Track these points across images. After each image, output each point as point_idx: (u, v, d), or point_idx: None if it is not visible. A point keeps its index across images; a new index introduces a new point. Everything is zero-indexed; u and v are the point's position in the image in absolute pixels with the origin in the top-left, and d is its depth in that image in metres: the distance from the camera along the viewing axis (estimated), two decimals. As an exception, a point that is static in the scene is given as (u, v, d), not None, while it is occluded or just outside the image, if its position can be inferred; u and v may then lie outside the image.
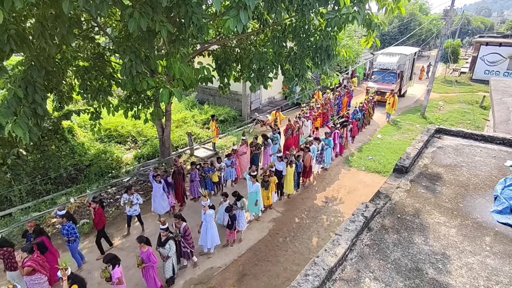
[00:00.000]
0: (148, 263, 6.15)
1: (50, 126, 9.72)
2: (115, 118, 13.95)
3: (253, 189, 8.65)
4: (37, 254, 6.07)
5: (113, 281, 5.68)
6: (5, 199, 9.12)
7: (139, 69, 7.82)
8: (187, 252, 7.20)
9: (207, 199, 7.42)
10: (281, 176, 9.98)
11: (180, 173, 9.53)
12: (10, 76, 7.46)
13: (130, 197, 8.11)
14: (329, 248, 3.44)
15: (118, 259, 5.85)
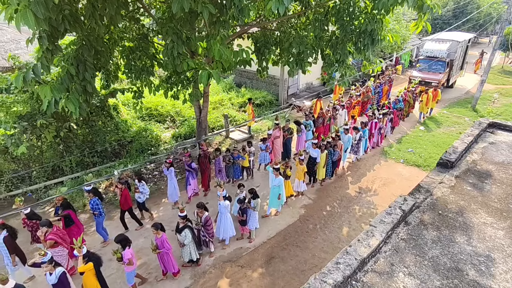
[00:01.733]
0: (163, 249, 6.31)
1: (97, 103, 10.32)
2: (155, 98, 14.48)
3: (276, 183, 8.36)
4: (56, 228, 6.42)
5: (124, 261, 5.86)
6: (57, 168, 9.96)
7: (180, 50, 7.97)
8: (206, 241, 7.26)
9: (222, 189, 7.33)
10: (315, 163, 9.86)
11: (206, 158, 9.48)
12: (64, 54, 7.95)
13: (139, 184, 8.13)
14: (362, 238, 3.37)
15: (128, 241, 6.04)
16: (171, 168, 8.75)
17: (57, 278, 5.26)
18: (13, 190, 9.34)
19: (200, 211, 6.94)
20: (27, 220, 6.86)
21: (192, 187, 9.41)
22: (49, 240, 6.12)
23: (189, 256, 6.91)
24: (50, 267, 5.25)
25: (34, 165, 9.56)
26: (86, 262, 5.50)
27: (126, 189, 7.88)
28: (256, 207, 7.65)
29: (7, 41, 16.58)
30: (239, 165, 10.11)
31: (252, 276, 7.11)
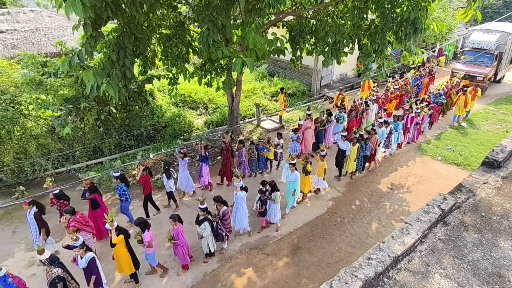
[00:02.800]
0: (178, 241, 6.41)
1: (135, 88, 10.74)
2: (189, 85, 14.81)
3: (292, 178, 8.11)
4: (79, 215, 6.70)
5: (144, 243, 6.13)
6: (98, 149, 10.57)
7: (215, 38, 8.02)
8: (222, 235, 7.22)
9: (240, 180, 7.25)
10: (344, 155, 9.64)
11: (228, 150, 9.37)
12: (106, 41, 8.30)
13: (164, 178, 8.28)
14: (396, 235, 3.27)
15: (147, 224, 6.25)
16: (185, 159, 8.73)
17: (86, 262, 5.58)
18: (59, 167, 10.07)
19: (218, 205, 6.94)
20: (55, 200, 7.22)
21: (204, 179, 9.28)
22: (71, 227, 6.39)
23: (207, 249, 6.95)
24: (81, 251, 5.56)
25: (77, 145, 10.20)
26: (118, 235, 5.89)
27: (147, 175, 8.08)
28: (276, 199, 7.53)
29: (55, 28, 17.58)
30: (263, 157, 9.92)
31: (277, 265, 7.19)
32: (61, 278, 5.40)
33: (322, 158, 8.71)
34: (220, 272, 6.97)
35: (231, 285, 6.68)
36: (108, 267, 6.86)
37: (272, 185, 7.56)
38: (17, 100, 9.24)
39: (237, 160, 9.63)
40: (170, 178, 8.28)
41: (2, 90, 9.01)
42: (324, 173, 8.93)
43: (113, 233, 5.86)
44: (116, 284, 6.61)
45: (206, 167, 9.17)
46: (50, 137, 9.76)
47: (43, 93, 9.17)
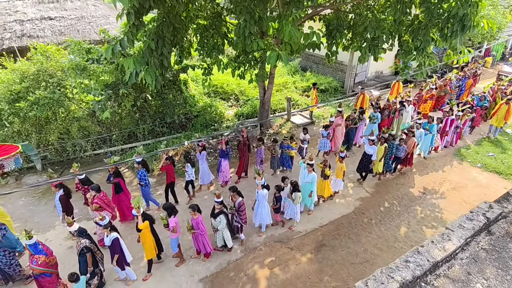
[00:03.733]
0: (197, 230, 6.50)
1: (170, 77, 11.04)
2: (222, 76, 15.00)
3: (309, 179, 7.83)
4: (103, 194, 7.03)
5: (169, 228, 6.32)
6: (133, 134, 11.04)
7: (252, 30, 8.02)
8: (237, 226, 7.20)
9: (261, 177, 7.16)
10: (370, 160, 9.20)
11: (245, 145, 9.27)
12: (146, 30, 8.57)
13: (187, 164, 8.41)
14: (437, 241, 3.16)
15: (174, 210, 6.44)
16: (203, 152, 8.75)
17: (110, 241, 5.92)
18: (97, 149, 10.66)
19: (233, 195, 6.92)
20: (80, 185, 7.51)
21: (225, 175, 9.27)
22: (94, 204, 6.79)
23: (222, 242, 6.98)
24: (106, 230, 5.93)
25: (114, 129, 10.72)
26: (143, 221, 6.13)
27: (171, 164, 8.22)
28: (296, 199, 7.40)
29: (98, 17, 18.40)
30: (288, 155, 9.73)
31: (300, 260, 7.19)
32: (89, 249, 5.85)
33: (341, 160, 8.36)
34: (244, 261, 7.10)
35: (254, 275, 6.78)
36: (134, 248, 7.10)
37: (294, 184, 7.42)
38: (63, 84, 9.84)
39: (258, 157, 9.54)
40: (194, 166, 8.49)
41: (50, 74, 9.62)
42: (343, 175, 8.58)
43: (139, 219, 6.08)
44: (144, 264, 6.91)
45: (226, 163, 9.15)
46: (90, 120, 10.33)
47: (86, 78, 9.68)
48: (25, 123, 9.42)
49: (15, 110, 9.11)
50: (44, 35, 16.41)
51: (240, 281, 6.67)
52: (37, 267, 5.59)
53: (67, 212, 7.27)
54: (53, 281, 5.83)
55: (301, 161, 8.82)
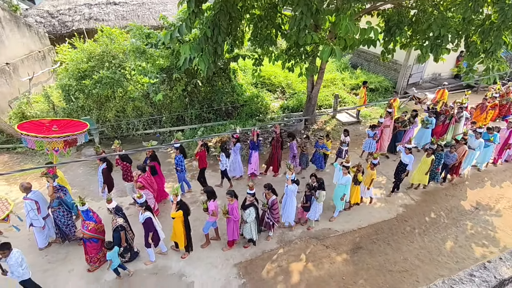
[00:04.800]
0: (231, 216, 6.57)
1: (221, 65, 11.29)
2: (270, 67, 15.01)
3: (343, 181, 7.50)
4: (147, 174, 7.35)
5: (209, 212, 6.52)
6: (181, 118, 11.53)
7: (307, 23, 7.88)
8: (269, 223, 7.17)
9: (292, 172, 7.02)
10: (404, 170, 8.59)
11: (278, 141, 9.15)
12: (203, 18, 8.81)
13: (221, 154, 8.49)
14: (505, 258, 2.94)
15: (214, 194, 6.60)
16: (237, 144, 8.76)
17: (143, 219, 6.20)
18: (147, 129, 11.31)
19: (268, 193, 6.86)
20: (120, 161, 7.83)
21: (252, 167, 9.25)
22: (138, 182, 7.13)
23: (250, 234, 6.95)
24: (141, 209, 6.23)
25: (164, 111, 11.27)
26: (177, 210, 6.26)
27: (204, 150, 8.36)
28: (320, 198, 7.23)
29: (157, 3, 19.26)
30: (320, 154, 9.49)
31: (335, 259, 7.09)
32: (123, 227, 6.19)
33: (373, 167, 7.88)
34: (278, 253, 7.16)
35: (287, 268, 6.83)
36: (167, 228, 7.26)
37: (320, 182, 7.27)
38: (123, 65, 10.52)
39: (290, 153, 9.42)
40: (228, 157, 8.57)
41: (113, 55, 10.33)
42: (371, 183, 8.13)
43: (174, 207, 6.25)
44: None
45: (256, 155, 9.12)
46: (144, 101, 10.95)
47: (144, 61, 10.24)
48: (88, 100, 10.26)
49: (81, 87, 9.96)
50: (108, 18, 17.58)
51: (273, 271, 6.75)
52: (87, 232, 6.12)
53: (108, 185, 7.84)
54: (98, 247, 6.35)
55: (336, 163, 8.57)
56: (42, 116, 10.48)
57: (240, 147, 8.97)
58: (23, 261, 5.49)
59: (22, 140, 6.56)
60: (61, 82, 10.45)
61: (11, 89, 11.53)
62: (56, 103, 11.06)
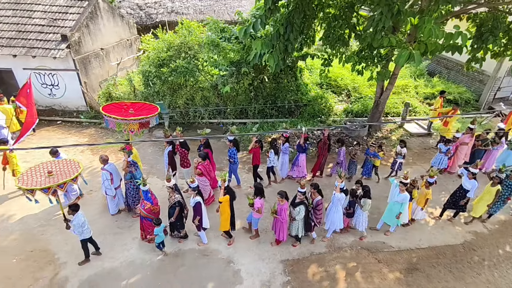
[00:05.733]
0: (279, 216, 6.58)
1: (289, 63, 11.31)
2: (338, 69, 14.61)
3: (400, 199, 6.95)
4: (207, 163, 7.61)
5: (255, 208, 6.58)
6: (244, 111, 11.88)
7: (386, 24, 7.50)
8: (311, 224, 7.01)
9: (342, 180, 6.71)
10: (464, 195, 7.62)
11: (325, 144, 8.91)
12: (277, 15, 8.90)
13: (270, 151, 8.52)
14: None
15: (262, 192, 6.71)
16: (286, 144, 8.71)
17: (193, 203, 6.58)
18: (212, 118, 11.89)
19: (313, 192, 6.77)
20: (179, 147, 8.31)
21: (301, 169, 9.11)
22: (198, 169, 7.52)
23: (296, 231, 6.90)
24: (193, 193, 6.57)
25: (229, 103, 11.72)
26: (224, 194, 6.55)
27: (259, 147, 8.46)
28: (365, 206, 6.91)
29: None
30: (371, 163, 9.01)
31: (387, 276, 6.71)
32: (180, 203, 6.70)
33: (428, 186, 7.17)
34: (326, 258, 7.03)
35: (334, 274, 6.67)
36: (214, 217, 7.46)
37: (365, 190, 6.93)
38: (197, 56, 11.17)
39: (337, 158, 9.15)
40: (277, 154, 8.64)
41: (189, 47, 11.05)
42: (425, 204, 7.39)
43: (221, 192, 6.54)
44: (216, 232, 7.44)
45: (303, 158, 9.00)
46: (212, 92, 11.53)
47: (216, 54, 10.75)
48: (164, 86, 11.15)
49: (158, 73, 10.87)
50: (188, 12, 18.79)
51: (319, 275, 6.66)
52: (143, 211, 6.67)
53: (171, 167, 8.45)
54: (152, 226, 6.83)
55: (392, 178, 8.01)
56: (124, 97, 11.70)
57: (289, 147, 8.96)
58: (85, 223, 6.27)
59: (104, 121, 7.44)
60: (142, 68, 11.54)
61: (102, 72, 13.06)
62: (137, 87, 12.24)
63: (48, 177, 6.15)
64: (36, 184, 5.89)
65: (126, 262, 6.77)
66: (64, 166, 6.58)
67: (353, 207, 7.16)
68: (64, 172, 6.36)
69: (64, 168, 6.49)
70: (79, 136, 11.40)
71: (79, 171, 6.38)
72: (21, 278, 6.41)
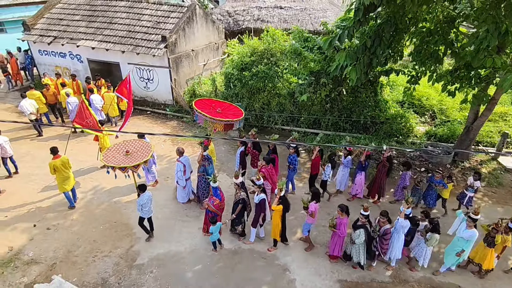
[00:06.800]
0: (338, 231, 6.36)
1: (371, 77, 10.86)
2: (423, 87, 13.53)
3: (466, 235, 6.24)
4: (270, 167, 7.83)
5: (308, 211, 6.61)
6: (317, 121, 11.79)
7: (492, 44, 6.74)
8: (374, 252, 6.63)
9: (409, 206, 6.33)
10: None
11: (385, 166, 8.40)
12: (366, 28, 8.64)
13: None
14: None
15: (318, 196, 6.75)
16: (348, 157, 8.49)
17: (258, 200, 6.79)
18: (285, 125, 12.06)
19: (383, 221, 6.40)
20: (251, 148, 8.70)
21: (357, 188, 8.74)
22: (261, 172, 7.73)
23: (358, 257, 6.56)
24: (259, 190, 6.81)
25: (304, 112, 11.74)
26: (278, 204, 6.55)
27: (319, 157, 8.46)
28: (431, 241, 6.27)
29: (318, 10, 19.99)
30: (436, 192, 8.14)
31: (459, 323, 5.96)
32: (244, 201, 6.96)
33: (508, 231, 6.19)
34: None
35: (396, 307, 6.19)
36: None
37: (434, 223, 6.34)
38: (278, 63, 11.48)
39: (401, 183, 8.50)
40: (334, 168, 8.48)
41: (272, 54, 11.44)
42: (502, 251, 6.43)
43: (276, 200, 6.59)
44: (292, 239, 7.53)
45: (362, 176, 8.60)
46: (288, 99, 11.71)
47: (296, 62, 10.90)
48: (243, 89, 11.72)
49: (240, 77, 11.48)
50: (272, 20, 19.41)
51: (379, 304, 6.24)
52: (212, 206, 7.02)
53: (242, 166, 8.79)
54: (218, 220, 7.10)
55: (459, 211, 7.25)
56: (206, 96, 12.62)
57: (351, 161, 8.68)
58: (146, 205, 6.97)
59: (195, 116, 8.14)
60: (225, 70, 12.31)
61: (190, 70, 14.28)
62: (218, 87, 13.09)
63: (125, 155, 7.17)
64: (115, 162, 6.93)
65: (190, 248, 7.27)
66: (140, 147, 7.53)
67: (412, 235, 6.73)
68: (139, 152, 7.31)
69: (139, 149, 7.45)
70: (163, 126, 12.64)
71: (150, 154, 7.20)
72: (104, 243, 7.36)
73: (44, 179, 9.20)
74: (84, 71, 14.46)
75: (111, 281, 6.49)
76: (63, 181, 7.96)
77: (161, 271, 6.71)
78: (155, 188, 9.01)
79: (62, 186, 8.01)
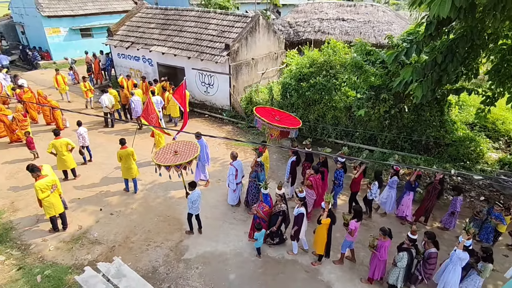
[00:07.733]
0: (378, 253, 6.13)
1: (438, 95, 10.13)
2: (499, 110, 12.27)
3: None
4: (318, 177, 7.87)
5: (349, 228, 6.50)
6: (373, 138, 11.30)
7: None
8: (416, 276, 6.30)
9: (469, 237, 5.89)
10: None
11: (435, 189, 8.02)
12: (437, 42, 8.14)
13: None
14: None
15: (360, 215, 6.57)
16: (394, 178, 8.23)
17: (297, 213, 6.73)
18: (338, 139, 11.79)
19: (428, 242, 6.12)
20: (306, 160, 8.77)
21: (403, 209, 8.29)
22: (308, 181, 7.67)
23: (394, 281, 6.21)
24: (299, 203, 6.75)
25: (359, 127, 11.36)
26: (327, 217, 6.44)
27: (362, 175, 8.23)
28: (485, 272, 5.89)
29: (383, 22, 19.32)
30: (492, 225, 7.45)
31: None
32: (284, 213, 6.96)
33: None
34: (438, 322, 5.99)
35: None
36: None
37: (488, 253, 5.95)
38: (336, 76, 11.32)
39: (450, 208, 8.01)
40: (381, 187, 8.18)
41: (331, 66, 11.32)
42: None
43: (324, 214, 6.48)
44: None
45: (410, 197, 8.19)
46: (344, 113, 11.44)
47: (356, 76, 10.63)
48: (299, 99, 11.76)
49: (297, 87, 11.54)
50: (333, 32, 19.20)
51: None
52: (261, 212, 7.12)
53: (292, 176, 8.83)
54: (264, 226, 7.22)
55: None
56: (263, 104, 12.89)
57: (397, 182, 8.30)
58: (196, 202, 7.30)
59: (254, 121, 8.46)
60: (283, 80, 12.48)
61: (248, 78, 14.74)
62: (275, 96, 13.30)
63: (174, 155, 7.69)
64: (163, 161, 7.46)
65: (235, 251, 7.44)
66: (187, 148, 8.03)
67: (467, 270, 6.23)
68: (186, 153, 7.78)
69: (186, 150, 7.95)
70: (219, 130, 13.20)
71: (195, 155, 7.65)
72: (157, 234, 7.87)
73: (112, 169, 10.20)
74: (153, 73, 15.80)
75: (160, 270, 6.90)
76: (126, 169, 8.86)
77: (206, 269, 6.96)
78: (206, 189, 9.42)
79: (125, 174, 8.96)
